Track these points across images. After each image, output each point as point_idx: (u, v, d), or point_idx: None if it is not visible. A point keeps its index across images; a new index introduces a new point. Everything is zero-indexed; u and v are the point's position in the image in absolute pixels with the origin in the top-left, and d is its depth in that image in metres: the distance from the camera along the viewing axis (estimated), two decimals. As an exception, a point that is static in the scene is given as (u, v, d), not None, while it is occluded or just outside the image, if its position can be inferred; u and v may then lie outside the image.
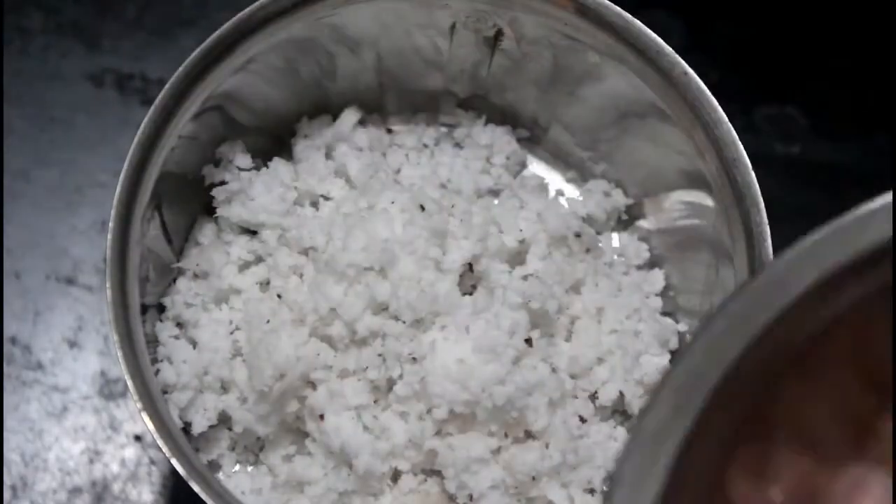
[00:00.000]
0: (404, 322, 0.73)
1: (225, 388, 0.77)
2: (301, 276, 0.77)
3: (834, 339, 0.47)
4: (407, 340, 0.73)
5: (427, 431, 0.73)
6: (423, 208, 0.75)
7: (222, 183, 0.80)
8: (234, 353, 0.77)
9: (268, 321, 0.74)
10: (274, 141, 0.84)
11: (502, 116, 0.86)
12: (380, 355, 0.73)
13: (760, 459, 0.48)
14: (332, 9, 0.75)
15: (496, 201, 0.82)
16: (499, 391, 0.71)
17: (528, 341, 0.74)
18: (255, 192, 0.79)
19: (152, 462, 0.86)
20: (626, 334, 0.79)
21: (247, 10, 0.72)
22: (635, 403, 0.78)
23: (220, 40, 0.72)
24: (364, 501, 0.75)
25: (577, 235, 0.80)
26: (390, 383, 0.74)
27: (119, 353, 0.67)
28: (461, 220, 0.76)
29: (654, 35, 0.73)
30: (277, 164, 0.81)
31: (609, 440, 0.77)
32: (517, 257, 0.78)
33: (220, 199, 0.80)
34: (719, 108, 0.72)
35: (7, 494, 0.84)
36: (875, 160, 0.95)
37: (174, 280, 0.80)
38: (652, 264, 0.84)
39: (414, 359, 0.72)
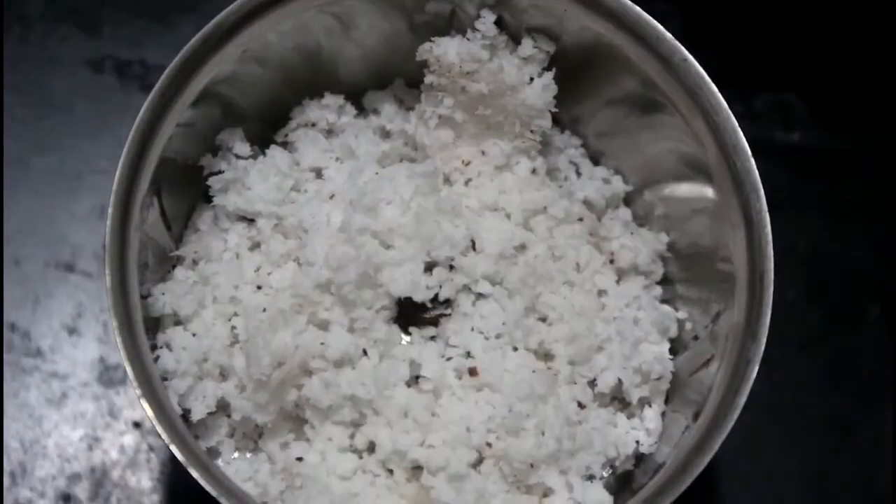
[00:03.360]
0: (398, 299, 0.74)
1: (224, 375, 0.77)
2: (297, 260, 0.77)
3: None
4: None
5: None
6: (425, 188, 0.76)
7: (219, 172, 0.80)
8: (233, 340, 0.77)
9: (264, 309, 0.74)
10: (272, 127, 0.84)
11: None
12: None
13: None
14: (331, -5, 0.75)
15: (497, 187, 0.82)
16: None
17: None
18: (251, 181, 0.79)
19: (151, 449, 0.86)
20: (625, 322, 0.79)
21: (245, -4, 0.72)
22: (633, 391, 0.78)
23: (219, 27, 0.72)
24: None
25: (580, 220, 0.80)
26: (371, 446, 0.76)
27: (118, 340, 0.67)
28: (461, 203, 0.77)
29: (653, 21, 0.73)
30: (275, 151, 0.81)
31: (608, 426, 0.77)
32: (519, 239, 0.78)
33: (217, 188, 0.80)
34: (719, 95, 0.72)
35: (6, 480, 0.84)
36: (873, 147, 0.95)
37: (173, 267, 0.80)
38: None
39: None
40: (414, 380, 0.76)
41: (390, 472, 0.76)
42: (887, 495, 0.88)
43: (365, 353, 0.75)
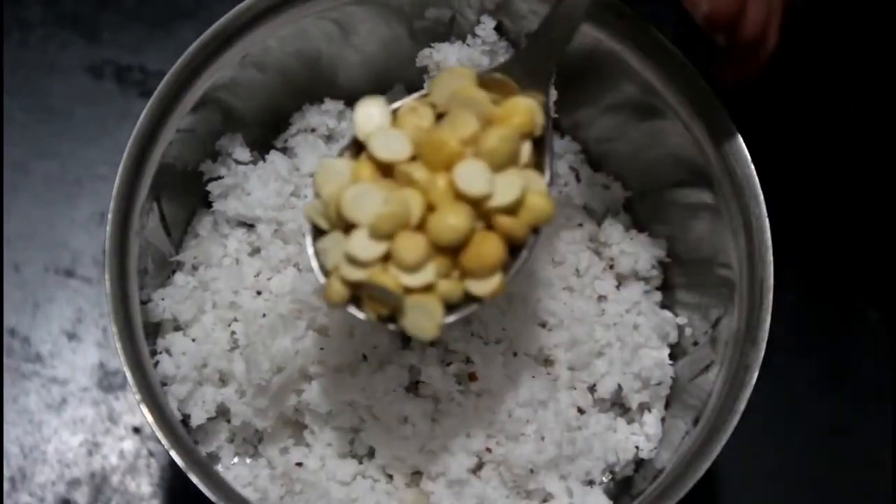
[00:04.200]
0: None
1: (224, 380, 0.77)
2: (297, 265, 0.77)
3: None
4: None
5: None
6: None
7: (219, 177, 0.80)
8: (233, 345, 0.77)
9: (264, 315, 0.74)
10: (272, 133, 0.84)
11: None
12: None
13: None
14: (332, 1, 0.75)
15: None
16: None
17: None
18: (251, 186, 0.79)
19: (151, 454, 0.86)
20: (625, 327, 0.79)
21: (246, 1, 0.72)
22: (633, 396, 0.78)
23: (219, 32, 0.72)
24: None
25: (580, 225, 0.80)
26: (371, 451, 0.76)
27: (118, 345, 0.67)
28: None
29: (652, 27, 0.73)
30: (274, 156, 0.81)
31: (607, 431, 0.77)
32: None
33: (216, 193, 0.80)
34: (718, 101, 0.72)
35: (6, 486, 0.84)
36: (876, 154, 0.95)
37: (173, 272, 0.80)
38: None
39: None
40: (413, 385, 0.76)
41: (390, 477, 0.76)
42: (887, 500, 0.88)
43: (365, 358, 0.75)
